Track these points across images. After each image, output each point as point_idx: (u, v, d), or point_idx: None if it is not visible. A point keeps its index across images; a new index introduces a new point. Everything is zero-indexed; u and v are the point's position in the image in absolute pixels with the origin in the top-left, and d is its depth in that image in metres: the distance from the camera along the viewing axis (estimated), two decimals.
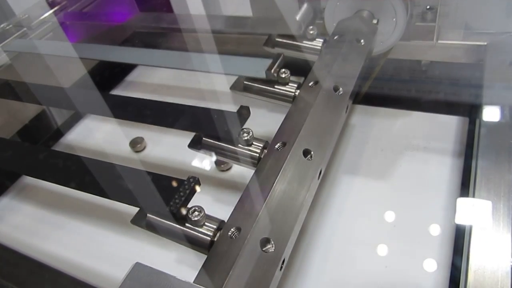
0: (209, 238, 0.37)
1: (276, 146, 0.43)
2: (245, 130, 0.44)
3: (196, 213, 0.37)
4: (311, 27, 0.59)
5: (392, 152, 0.59)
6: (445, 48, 0.66)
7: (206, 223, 0.37)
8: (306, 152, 0.42)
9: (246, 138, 0.44)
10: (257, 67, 0.52)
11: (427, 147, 0.59)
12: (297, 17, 0.64)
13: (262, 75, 0.51)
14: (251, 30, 0.71)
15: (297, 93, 0.51)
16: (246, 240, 0.34)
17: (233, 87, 0.55)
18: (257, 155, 0.44)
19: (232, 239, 0.35)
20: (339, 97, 0.49)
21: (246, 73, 0.54)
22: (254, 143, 0.45)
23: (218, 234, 0.37)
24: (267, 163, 0.42)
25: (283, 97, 0.52)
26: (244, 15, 0.77)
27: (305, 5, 0.66)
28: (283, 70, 0.52)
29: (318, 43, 0.59)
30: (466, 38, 0.65)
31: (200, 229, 0.37)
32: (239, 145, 0.45)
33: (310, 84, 0.51)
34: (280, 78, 0.52)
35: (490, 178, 0.45)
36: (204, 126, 0.48)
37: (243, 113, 0.46)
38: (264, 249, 0.35)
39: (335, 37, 0.57)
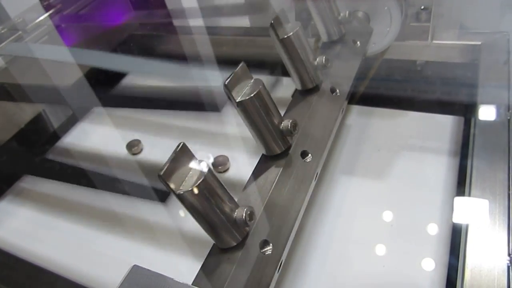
0: (235, 243, 0.35)
1: None
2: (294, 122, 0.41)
3: (249, 217, 0.34)
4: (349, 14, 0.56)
5: (388, 152, 0.59)
6: (440, 48, 0.66)
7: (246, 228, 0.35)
8: (304, 154, 0.42)
9: (290, 129, 0.41)
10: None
11: (423, 146, 0.59)
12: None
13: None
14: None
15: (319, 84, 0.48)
16: (246, 242, 0.34)
17: (273, 24, 0.46)
18: (282, 148, 0.42)
19: None
20: (336, 99, 0.49)
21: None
22: (289, 138, 0.42)
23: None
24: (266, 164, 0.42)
25: (304, 78, 0.48)
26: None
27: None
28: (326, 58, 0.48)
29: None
30: (460, 38, 0.66)
31: (235, 232, 0.35)
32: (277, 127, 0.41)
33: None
34: (320, 63, 0.48)
35: (485, 177, 0.45)
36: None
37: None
38: (262, 250, 0.35)
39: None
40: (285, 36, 0.45)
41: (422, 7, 0.64)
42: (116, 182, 0.55)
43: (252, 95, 0.38)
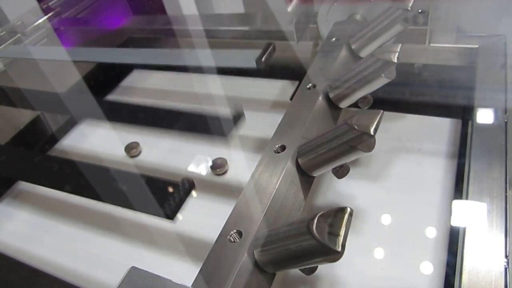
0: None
1: (274, 149, 0.43)
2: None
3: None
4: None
5: (386, 155, 0.59)
6: (438, 51, 0.67)
7: None
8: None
9: (344, 173, 0.40)
10: (247, 58, 0.50)
11: (420, 149, 0.59)
12: (289, 9, 0.64)
13: (253, 65, 0.50)
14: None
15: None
16: (246, 244, 0.34)
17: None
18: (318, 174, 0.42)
19: (233, 243, 0.35)
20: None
21: (237, 64, 0.52)
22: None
23: None
24: (263, 166, 0.42)
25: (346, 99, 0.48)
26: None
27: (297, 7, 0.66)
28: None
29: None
30: (458, 41, 0.66)
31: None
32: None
33: (308, 87, 0.51)
34: (367, 99, 0.49)
35: (483, 179, 0.45)
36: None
37: (237, 113, 0.45)
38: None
39: (331, 40, 0.58)
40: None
41: (420, 11, 0.64)
42: (114, 184, 0.55)
43: (368, 150, 0.36)
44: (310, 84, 0.50)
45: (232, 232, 0.36)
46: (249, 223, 0.36)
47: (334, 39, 0.58)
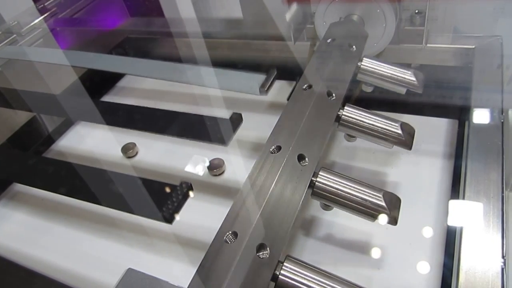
0: None
1: (271, 149, 0.43)
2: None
3: None
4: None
5: (383, 155, 0.59)
6: (434, 51, 0.67)
7: None
8: (300, 157, 0.42)
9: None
10: (251, 83, 0.49)
11: (418, 149, 0.59)
12: (287, 18, 0.64)
13: (256, 92, 0.49)
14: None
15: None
16: (243, 245, 0.34)
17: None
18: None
19: (228, 244, 0.35)
20: (332, 103, 0.49)
21: (239, 88, 0.52)
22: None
23: None
24: (262, 167, 0.42)
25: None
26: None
27: (294, 7, 0.66)
28: None
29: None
30: (454, 41, 0.66)
31: None
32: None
33: (304, 87, 0.50)
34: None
35: (479, 179, 0.45)
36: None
37: (236, 119, 0.45)
38: (259, 254, 0.35)
39: (328, 41, 0.58)
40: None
41: (416, 11, 0.64)
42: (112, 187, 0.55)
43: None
44: (307, 85, 0.50)
45: (228, 233, 0.36)
46: (246, 224, 0.36)
47: (330, 39, 0.58)
